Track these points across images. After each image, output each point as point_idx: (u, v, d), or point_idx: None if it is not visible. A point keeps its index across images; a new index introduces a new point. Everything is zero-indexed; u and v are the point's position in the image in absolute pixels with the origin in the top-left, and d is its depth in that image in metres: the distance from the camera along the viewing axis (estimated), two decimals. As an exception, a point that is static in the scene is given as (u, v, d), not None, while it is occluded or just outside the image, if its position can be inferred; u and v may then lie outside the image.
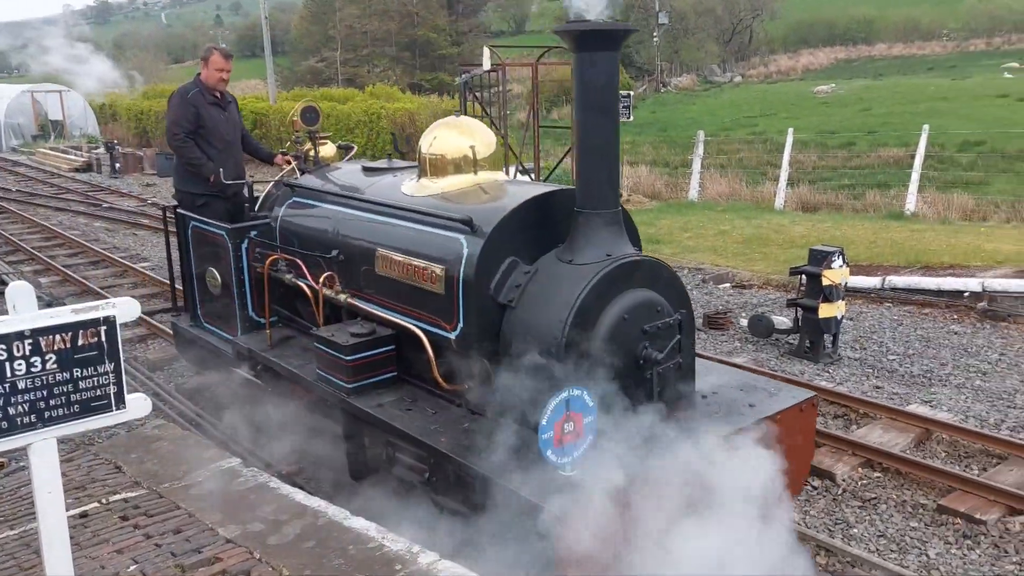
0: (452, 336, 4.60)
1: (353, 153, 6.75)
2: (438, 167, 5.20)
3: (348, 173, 6.12)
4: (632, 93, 18.80)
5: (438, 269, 4.60)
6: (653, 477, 3.78)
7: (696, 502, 3.79)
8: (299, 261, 5.65)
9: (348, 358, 4.86)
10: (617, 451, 3.86)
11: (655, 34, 50.35)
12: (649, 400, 4.28)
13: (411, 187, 5.28)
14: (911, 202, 15.57)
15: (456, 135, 5.22)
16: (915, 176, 15.93)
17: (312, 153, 6.64)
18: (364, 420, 4.84)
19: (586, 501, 3.63)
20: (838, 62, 57.85)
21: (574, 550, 3.57)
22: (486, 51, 13.83)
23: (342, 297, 5.29)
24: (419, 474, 4.52)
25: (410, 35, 52.66)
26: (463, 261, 4.47)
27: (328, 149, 6.66)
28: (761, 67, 57.84)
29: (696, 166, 18.65)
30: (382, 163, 6.07)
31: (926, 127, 16.92)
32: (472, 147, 5.15)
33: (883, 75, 49.11)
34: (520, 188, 5.00)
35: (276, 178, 6.66)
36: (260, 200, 6.57)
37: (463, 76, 14.51)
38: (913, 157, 16.47)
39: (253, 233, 6.10)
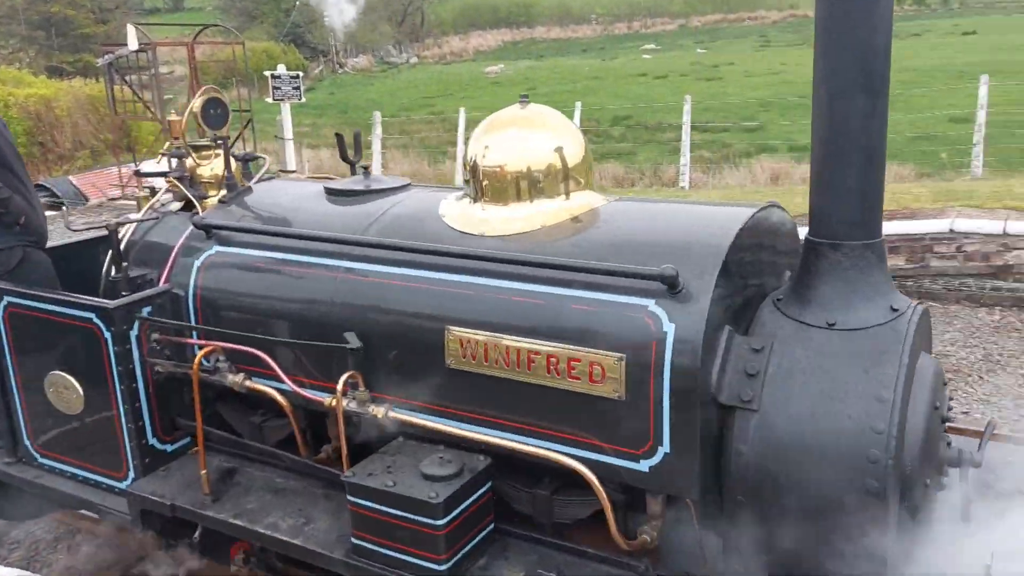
0: (643, 467, 2.79)
1: (267, 167, 4.44)
2: (500, 187, 3.29)
3: (308, 200, 3.91)
4: (301, 75, 17.75)
5: (611, 360, 2.77)
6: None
7: None
8: (260, 354, 3.41)
9: (442, 521, 2.85)
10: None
11: (326, 14, 49.67)
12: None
13: (474, 221, 3.31)
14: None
15: (527, 134, 3.34)
16: None
17: (204, 171, 4.29)
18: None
19: None
20: (505, 44, 60.03)
21: None
22: (130, 29, 12.99)
23: (379, 410, 3.20)
24: None
25: (43, 11, 45.75)
26: (667, 344, 2.69)
27: (218, 163, 4.33)
28: (435, 48, 58.35)
29: (376, 147, 18.20)
30: (355, 180, 3.94)
31: (579, 104, 18.05)
32: (560, 150, 3.30)
33: (544, 56, 51.72)
34: (684, 211, 3.24)
35: (141, 216, 4.26)
36: (123, 250, 4.12)
37: (105, 57, 13.59)
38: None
39: (146, 310, 3.70)
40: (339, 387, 3.20)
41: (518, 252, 3.06)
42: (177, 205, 4.37)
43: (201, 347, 3.71)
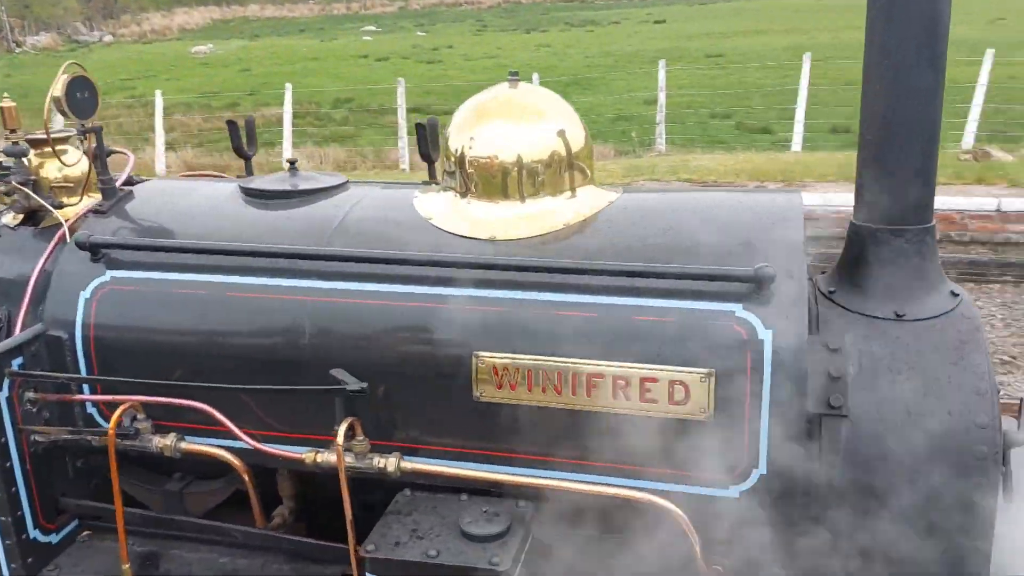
0: (732, 494, 2.47)
1: (132, 166, 3.48)
2: (494, 182, 2.81)
3: (224, 205, 3.10)
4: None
5: (696, 376, 2.40)
6: None
7: None
8: (204, 407, 2.65)
9: (504, 593, 2.35)
10: None
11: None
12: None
13: (473, 223, 2.77)
14: (286, 154, 15.99)
15: (525, 119, 2.86)
16: (287, 132, 16.97)
17: (49, 172, 3.31)
18: None
19: None
20: (214, 22, 57.19)
21: None
22: None
23: (387, 462, 2.59)
24: None
25: None
26: (766, 352, 2.37)
27: (70, 158, 3.36)
28: (134, 26, 54.08)
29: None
30: (279, 179, 3.19)
31: (289, 86, 17.95)
32: (564, 137, 2.86)
33: (259, 36, 49.88)
34: (716, 203, 2.89)
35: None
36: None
37: None
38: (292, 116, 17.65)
39: (16, 363, 2.76)
40: (339, 438, 2.53)
41: (555, 259, 2.58)
42: (12, 218, 3.33)
43: (98, 404, 2.84)
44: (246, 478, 2.80)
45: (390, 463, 2.59)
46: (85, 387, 2.90)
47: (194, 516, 3.01)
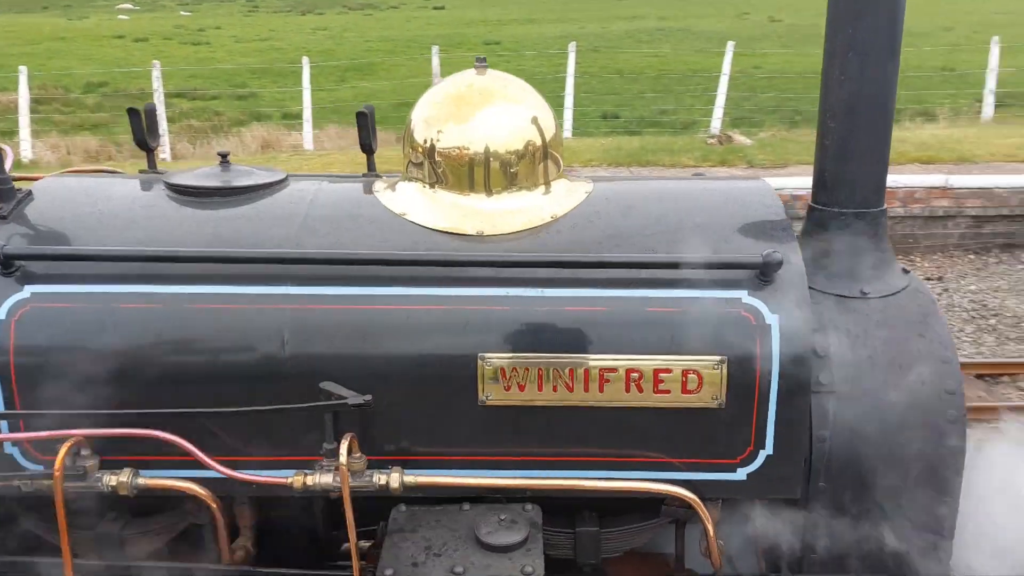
0: (740, 476, 2.53)
1: (11, 160, 2.96)
2: (462, 174, 2.70)
3: (152, 205, 2.72)
4: None
5: (710, 364, 2.43)
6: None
7: None
8: (172, 437, 2.34)
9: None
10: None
11: None
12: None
13: (455, 218, 2.62)
14: (26, 149, 14.68)
15: (499, 107, 2.75)
16: (24, 121, 15.31)
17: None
18: None
19: None
20: None
21: None
22: None
23: (389, 478, 2.41)
24: None
25: None
26: (774, 337, 2.44)
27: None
28: None
29: None
30: (210, 174, 2.84)
31: (23, 68, 16.18)
32: (536, 120, 2.78)
33: None
34: (692, 190, 2.90)
35: None
36: None
37: None
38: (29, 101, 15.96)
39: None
40: (342, 457, 2.31)
41: (556, 252, 2.50)
42: None
43: (21, 444, 2.43)
44: (214, 509, 2.50)
45: (392, 479, 2.40)
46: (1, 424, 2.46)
47: (136, 560, 2.66)
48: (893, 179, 8.14)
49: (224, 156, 2.89)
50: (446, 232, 2.60)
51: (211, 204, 2.72)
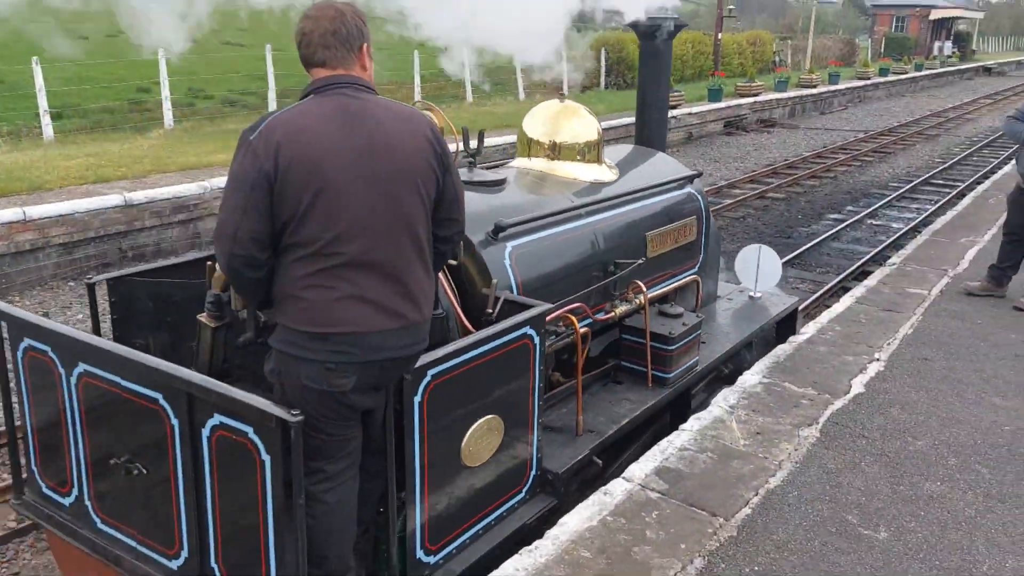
0: (696, 271, 5.71)
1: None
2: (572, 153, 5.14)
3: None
4: None
5: (692, 220, 5.52)
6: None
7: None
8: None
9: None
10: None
11: None
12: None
13: (587, 176, 4.98)
14: None
15: (577, 119, 5.13)
16: None
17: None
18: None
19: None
20: None
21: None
22: None
23: (639, 300, 4.85)
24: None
25: None
26: (703, 204, 5.64)
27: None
28: None
29: None
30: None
31: None
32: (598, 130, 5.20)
33: None
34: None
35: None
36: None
37: None
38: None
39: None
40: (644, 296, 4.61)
41: (633, 186, 5.15)
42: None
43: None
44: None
45: (639, 300, 4.81)
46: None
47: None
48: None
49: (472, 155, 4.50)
50: (590, 182, 4.94)
51: (495, 190, 4.41)
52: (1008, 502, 3.85)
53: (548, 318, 3.61)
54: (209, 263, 3.35)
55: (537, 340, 3.49)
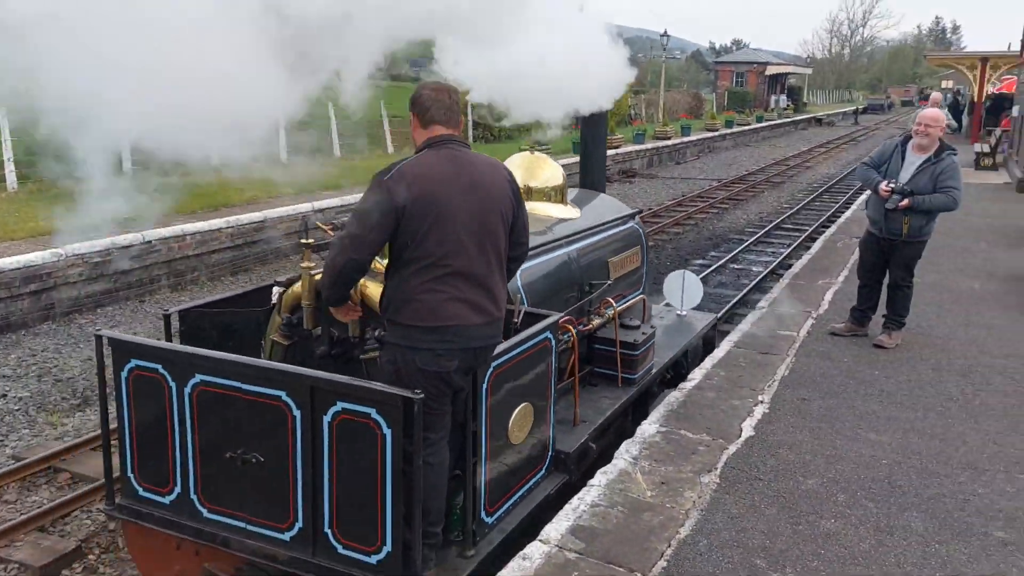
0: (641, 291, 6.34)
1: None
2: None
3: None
4: None
5: (636, 249, 6.28)
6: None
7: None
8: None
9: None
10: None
11: None
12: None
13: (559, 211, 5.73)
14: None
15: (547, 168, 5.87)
16: None
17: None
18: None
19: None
20: None
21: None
22: None
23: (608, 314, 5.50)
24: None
25: None
26: (642, 236, 6.45)
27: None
28: None
29: None
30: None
31: None
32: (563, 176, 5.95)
33: None
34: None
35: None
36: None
37: None
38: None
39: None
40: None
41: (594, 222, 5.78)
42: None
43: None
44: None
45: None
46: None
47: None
48: None
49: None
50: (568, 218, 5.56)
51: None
52: (896, 534, 4.08)
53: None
54: (278, 289, 4.13)
55: (553, 342, 4.22)
